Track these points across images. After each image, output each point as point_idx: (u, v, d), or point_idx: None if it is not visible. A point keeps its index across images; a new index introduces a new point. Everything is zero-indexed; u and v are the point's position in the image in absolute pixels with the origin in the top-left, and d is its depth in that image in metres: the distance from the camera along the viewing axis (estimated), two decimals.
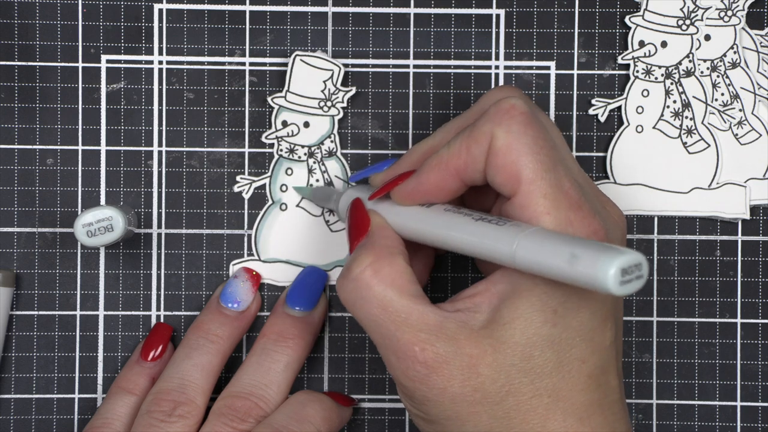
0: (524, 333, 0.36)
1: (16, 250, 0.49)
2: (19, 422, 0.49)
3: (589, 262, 0.32)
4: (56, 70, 0.49)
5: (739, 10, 0.49)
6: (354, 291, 0.39)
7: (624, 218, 0.41)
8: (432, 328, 0.37)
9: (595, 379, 0.38)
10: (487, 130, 0.38)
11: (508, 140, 0.37)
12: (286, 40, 0.50)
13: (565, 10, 0.50)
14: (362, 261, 0.39)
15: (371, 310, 0.38)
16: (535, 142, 0.37)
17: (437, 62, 0.50)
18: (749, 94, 0.50)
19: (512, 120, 0.37)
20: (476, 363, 0.37)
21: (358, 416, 0.50)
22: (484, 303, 0.38)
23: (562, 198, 0.37)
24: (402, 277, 0.39)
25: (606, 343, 0.38)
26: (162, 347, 0.48)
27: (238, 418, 0.45)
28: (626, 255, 0.32)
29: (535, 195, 0.37)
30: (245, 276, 0.49)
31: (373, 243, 0.40)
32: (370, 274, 0.39)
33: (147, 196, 0.49)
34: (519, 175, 0.37)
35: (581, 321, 0.37)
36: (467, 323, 0.37)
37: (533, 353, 0.37)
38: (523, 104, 0.38)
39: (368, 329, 0.39)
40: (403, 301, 0.38)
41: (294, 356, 0.47)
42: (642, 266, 0.33)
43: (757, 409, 0.50)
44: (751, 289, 0.50)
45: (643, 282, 0.33)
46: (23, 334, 0.49)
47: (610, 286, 0.32)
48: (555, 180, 0.37)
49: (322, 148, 0.49)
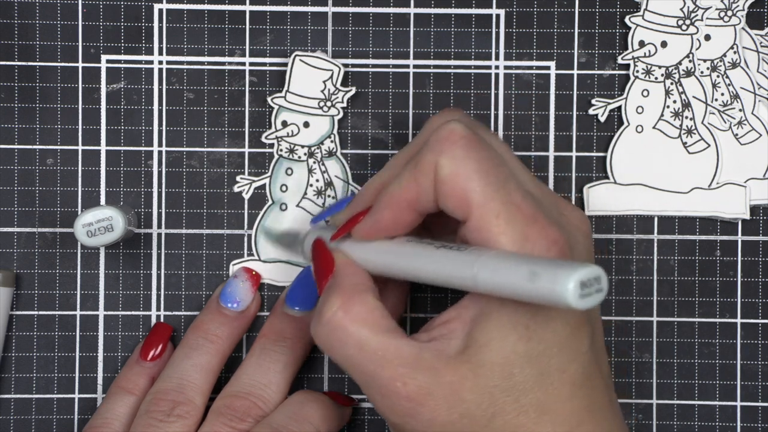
0: (500, 352, 0.36)
1: (16, 250, 0.49)
2: (19, 422, 0.49)
3: (548, 279, 0.32)
4: (56, 70, 0.49)
5: (739, 10, 0.49)
6: (328, 334, 0.39)
7: (586, 220, 0.41)
8: (410, 361, 0.37)
9: (579, 386, 0.37)
10: (430, 160, 0.38)
11: (453, 167, 0.37)
12: (286, 40, 0.50)
13: (565, 10, 0.50)
14: (332, 303, 0.39)
15: (348, 351, 0.38)
16: (480, 164, 0.37)
17: (437, 62, 0.50)
18: (749, 94, 0.50)
19: (454, 146, 0.37)
20: (458, 389, 0.36)
21: (358, 416, 0.50)
22: (458, 329, 0.37)
23: (515, 214, 0.36)
24: (373, 314, 0.39)
25: (583, 348, 0.38)
26: (162, 347, 0.48)
27: (237, 417, 0.45)
28: (584, 269, 0.32)
29: (487, 216, 0.36)
30: (245, 276, 0.49)
31: (341, 283, 0.40)
32: (342, 316, 0.38)
33: (147, 196, 0.49)
34: (468, 200, 0.37)
35: (554, 331, 0.37)
36: (443, 351, 0.37)
37: (513, 371, 0.36)
38: (462, 127, 0.38)
39: (348, 370, 0.39)
40: (377, 338, 0.38)
41: (293, 356, 0.47)
42: (601, 279, 0.33)
43: (757, 409, 0.50)
44: (751, 289, 0.50)
45: (603, 295, 0.33)
46: (23, 334, 0.49)
47: (570, 300, 0.32)
48: (505, 197, 0.37)
49: (322, 148, 0.49)
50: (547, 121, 0.50)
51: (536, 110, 0.50)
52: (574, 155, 0.50)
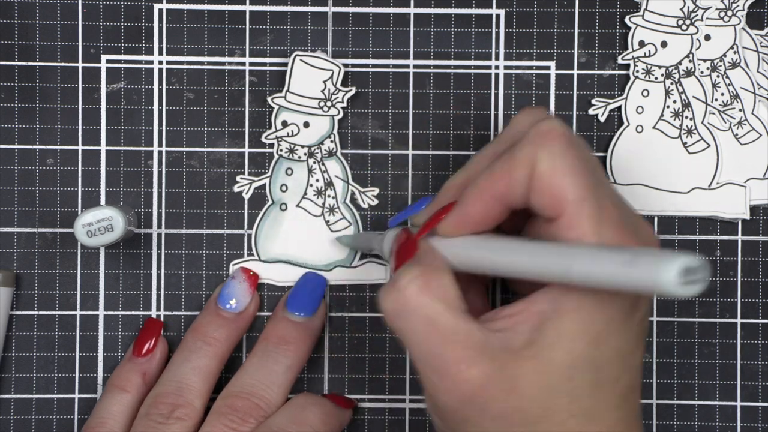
0: (569, 354, 0.36)
1: (16, 250, 0.49)
2: (19, 422, 0.49)
3: (649, 263, 0.32)
4: (56, 70, 0.49)
5: (739, 10, 0.49)
6: (399, 302, 0.38)
7: (657, 239, 0.40)
8: (478, 346, 0.37)
9: (624, 397, 0.38)
10: (529, 153, 0.37)
11: (552, 162, 0.37)
12: (286, 40, 0.50)
13: (565, 10, 0.50)
14: (409, 273, 0.38)
15: (416, 324, 0.38)
16: (578, 163, 0.37)
17: (437, 62, 0.50)
18: (749, 94, 0.50)
19: (554, 142, 0.37)
20: (519, 383, 0.36)
21: (358, 416, 0.50)
22: (525, 323, 0.37)
23: (605, 219, 0.36)
24: (449, 292, 0.38)
25: (637, 362, 0.38)
26: (154, 341, 0.48)
27: (239, 418, 0.45)
28: (688, 256, 0.31)
29: (580, 216, 0.36)
30: (242, 276, 0.49)
31: (421, 261, 0.40)
32: (418, 286, 0.38)
33: (147, 196, 0.49)
34: (564, 197, 0.37)
35: (621, 342, 0.37)
36: (510, 343, 0.37)
37: (574, 375, 0.36)
38: (561, 126, 0.38)
39: (410, 344, 0.38)
40: (450, 316, 0.37)
41: (295, 359, 0.47)
42: (703, 269, 0.32)
43: (757, 409, 0.50)
44: (751, 289, 0.50)
45: (704, 285, 0.32)
46: (23, 334, 0.49)
47: (671, 285, 0.31)
48: (598, 201, 0.37)
49: (322, 148, 0.49)
50: None
51: None
52: None
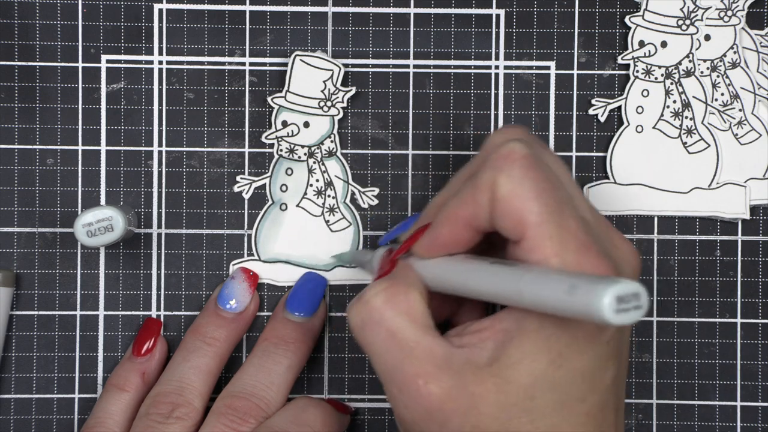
0: (530, 374, 0.36)
1: (16, 250, 0.49)
2: (19, 422, 0.49)
3: (585, 292, 0.32)
4: (56, 70, 0.49)
5: (739, 10, 0.49)
6: (364, 314, 0.39)
7: (636, 254, 0.40)
8: (438, 362, 0.37)
9: (593, 417, 0.37)
10: (489, 178, 0.37)
11: (510, 186, 0.37)
12: (286, 40, 0.50)
13: (565, 10, 0.50)
14: (377, 287, 0.39)
15: (378, 337, 0.38)
16: (538, 185, 0.37)
17: (437, 62, 0.50)
18: (749, 94, 0.50)
19: (513, 165, 0.37)
20: (479, 401, 0.36)
21: (358, 416, 0.50)
22: (490, 340, 0.37)
23: (569, 239, 0.36)
24: (414, 307, 0.38)
25: (606, 382, 0.38)
26: (153, 340, 0.48)
27: (239, 418, 0.45)
28: (622, 284, 0.32)
29: (541, 238, 0.36)
30: (242, 277, 0.49)
31: (393, 276, 0.40)
32: (383, 299, 0.38)
33: (147, 196, 0.49)
34: (524, 220, 0.36)
35: (584, 363, 0.37)
36: (473, 360, 0.37)
37: (535, 394, 0.36)
38: (522, 147, 0.37)
39: (372, 356, 0.39)
40: (412, 330, 0.38)
41: (295, 359, 0.47)
42: (640, 296, 0.32)
43: (757, 409, 0.50)
44: (751, 289, 0.50)
45: (641, 313, 0.32)
46: (23, 334, 0.49)
47: (605, 314, 0.31)
48: (561, 221, 0.36)
49: (322, 148, 0.49)
50: (547, 121, 0.50)
51: (536, 110, 0.50)
52: (574, 155, 0.50)
